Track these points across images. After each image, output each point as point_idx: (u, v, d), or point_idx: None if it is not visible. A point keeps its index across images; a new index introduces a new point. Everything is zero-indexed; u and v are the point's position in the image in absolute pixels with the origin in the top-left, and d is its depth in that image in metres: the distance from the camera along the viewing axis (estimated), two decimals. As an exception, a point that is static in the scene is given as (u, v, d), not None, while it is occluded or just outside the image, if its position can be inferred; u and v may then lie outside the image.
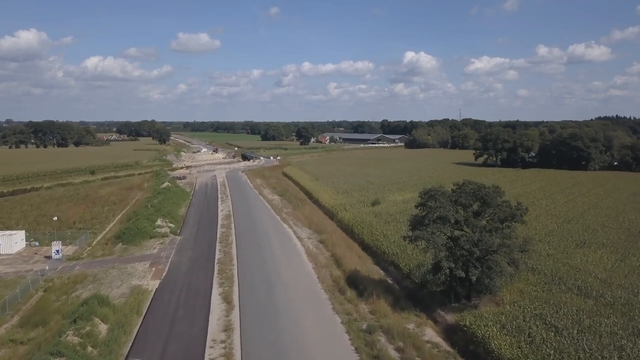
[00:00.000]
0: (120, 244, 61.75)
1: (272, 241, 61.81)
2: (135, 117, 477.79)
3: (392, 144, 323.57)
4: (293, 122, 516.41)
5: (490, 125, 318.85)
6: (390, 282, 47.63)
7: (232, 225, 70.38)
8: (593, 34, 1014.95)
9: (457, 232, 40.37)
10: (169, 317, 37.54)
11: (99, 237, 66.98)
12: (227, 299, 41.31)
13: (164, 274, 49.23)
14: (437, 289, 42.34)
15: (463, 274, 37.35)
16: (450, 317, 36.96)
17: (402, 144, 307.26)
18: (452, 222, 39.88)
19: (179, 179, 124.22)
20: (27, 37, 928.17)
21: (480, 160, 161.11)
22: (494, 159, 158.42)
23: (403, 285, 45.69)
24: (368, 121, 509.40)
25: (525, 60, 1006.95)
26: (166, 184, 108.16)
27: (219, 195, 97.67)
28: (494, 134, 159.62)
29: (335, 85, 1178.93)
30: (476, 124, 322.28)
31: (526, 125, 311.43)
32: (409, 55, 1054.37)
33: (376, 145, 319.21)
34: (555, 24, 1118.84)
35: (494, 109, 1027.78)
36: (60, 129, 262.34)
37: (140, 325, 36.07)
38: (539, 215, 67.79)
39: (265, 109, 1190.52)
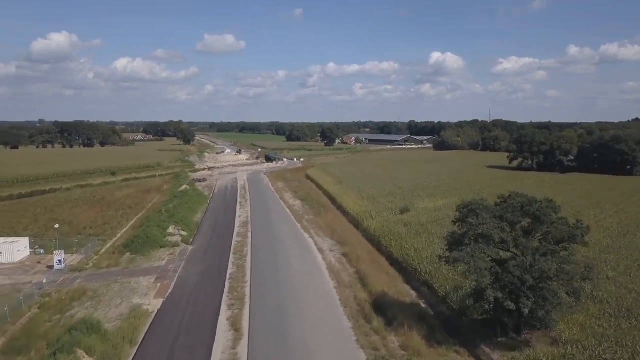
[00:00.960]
0: (129, 253, 57.45)
1: (291, 253, 56.49)
2: (163, 118, 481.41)
3: (419, 146, 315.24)
4: (318, 122, 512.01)
5: (523, 126, 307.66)
6: (423, 306, 41.76)
7: (249, 234, 65.35)
8: (626, 33, 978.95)
9: (503, 254, 34.35)
10: (166, 348, 32.48)
11: (108, 245, 62.91)
12: (235, 325, 36.07)
13: (169, 291, 44.41)
14: (479, 317, 36.27)
15: (513, 306, 31.20)
16: (497, 357, 30.88)
17: (431, 145, 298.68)
18: (497, 241, 33.83)
19: (199, 181, 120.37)
20: (59, 40, 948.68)
21: (515, 163, 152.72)
22: (530, 162, 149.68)
23: (438, 311, 39.69)
24: (394, 122, 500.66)
25: (555, 60, 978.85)
26: (184, 187, 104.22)
27: (238, 200, 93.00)
28: (530, 136, 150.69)
29: (361, 85, 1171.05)
30: (507, 125, 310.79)
31: (560, 126, 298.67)
32: (435, 55, 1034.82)
33: (403, 146, 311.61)
34: (586, 23, 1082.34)
35: (522, 110, 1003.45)
36: (86, 129, 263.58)
37: (133, 358, 31.13)
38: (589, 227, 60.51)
39: (289, 110, 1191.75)
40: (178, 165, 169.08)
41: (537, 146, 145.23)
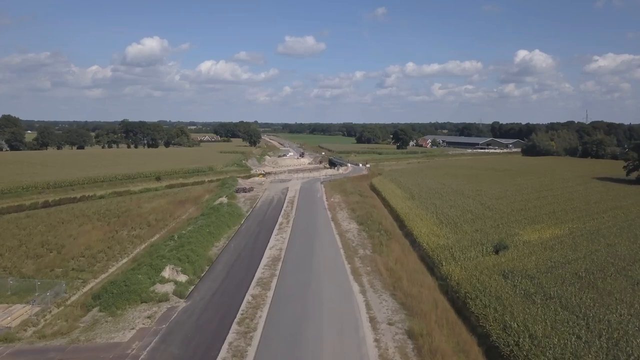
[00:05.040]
0: (97, 308, 40.03)
1: (326, 329, 35.73)
2: (241, 119, 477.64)
3: (504, 150, 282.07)
4: (392, 123, 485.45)
5: (630, 128, 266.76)
6: None
7: (274, 282, 45.65)
8: None
9: None
10: None
11: (85, 289, 46.05)
12: None
13: (98, 413, 25.75)
14: None
15: None
16: None
17: (518, 149, 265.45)
18: None
19: (244, 191, 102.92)
20: (151, 45, 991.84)
21: (634, 175, 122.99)
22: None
23: None
24: (475, 123, 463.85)
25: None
26: (221, 199, 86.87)
27: (279, 220, 73.71)
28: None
29: (440, 85, 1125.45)
30: (611, 128, 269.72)
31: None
32: (522, 53, 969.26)
33: (486, 150, 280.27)
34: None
35: (618, 112, 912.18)
36: (150, 129, 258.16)
37: None
38: None
39: (366, 111, 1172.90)
40: (232, 169, 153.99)
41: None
